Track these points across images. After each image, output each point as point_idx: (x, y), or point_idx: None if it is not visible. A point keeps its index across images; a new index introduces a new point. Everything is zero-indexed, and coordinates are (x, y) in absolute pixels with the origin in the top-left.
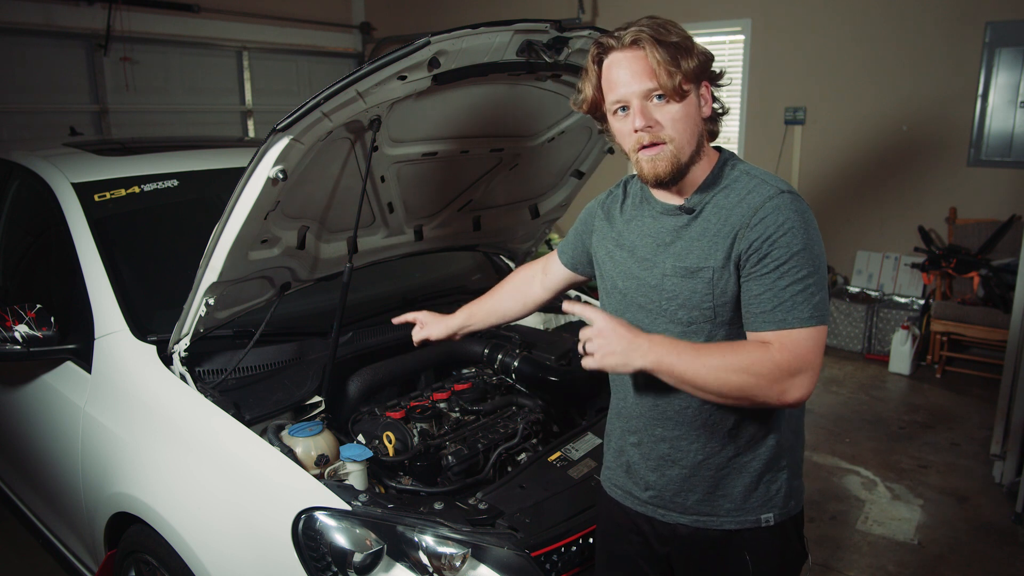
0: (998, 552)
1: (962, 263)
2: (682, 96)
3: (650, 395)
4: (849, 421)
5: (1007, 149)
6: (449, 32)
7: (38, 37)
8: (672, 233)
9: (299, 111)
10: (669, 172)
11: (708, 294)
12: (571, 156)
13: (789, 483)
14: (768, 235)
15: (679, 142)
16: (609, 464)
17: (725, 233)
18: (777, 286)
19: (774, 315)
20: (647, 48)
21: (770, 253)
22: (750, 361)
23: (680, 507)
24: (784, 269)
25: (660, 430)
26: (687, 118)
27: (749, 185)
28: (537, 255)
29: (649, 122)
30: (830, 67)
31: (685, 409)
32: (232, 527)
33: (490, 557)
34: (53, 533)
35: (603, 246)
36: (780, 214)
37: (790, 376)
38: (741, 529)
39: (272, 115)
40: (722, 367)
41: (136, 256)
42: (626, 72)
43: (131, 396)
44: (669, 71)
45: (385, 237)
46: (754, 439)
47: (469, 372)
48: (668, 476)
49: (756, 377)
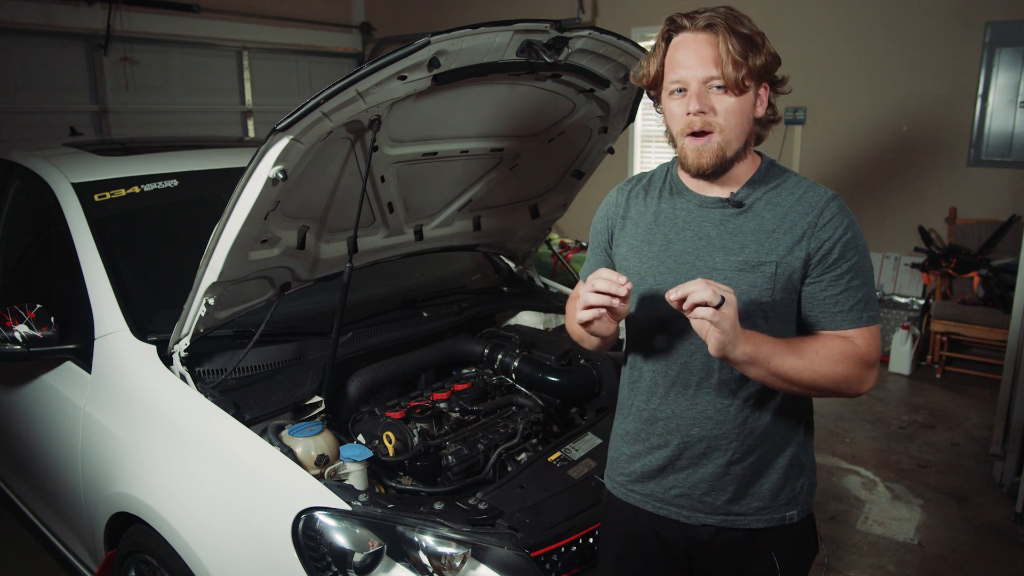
0: (998, 552)
1: (962, 263)
2: (742, 90)
3: (687, 395)
4: (849, 421)
5: (1007, 149)
6: (449, 32)
7: (38, 37)
8: (716, 226)
9: (299, 111)
10: (712, 164)
11: (768, 288)
12: (571, 156)
13: (810, 479)
14: (840, 236)
15: (728, 135)
16: (624, 470)
17: (786, 229)
18: (852, 286)
19: (852, 314)
20: (721, 35)
21: (844, 254)
22: (840, 353)
23: (709, 507)
24: (857, 270)
25: (698, 430)
26: (741, 113)
27: (802, 185)
28: (537, 255)
29: (703, 107)
30: (830, 67)
31: (727, 407)
32: (232, 527)
33: (490, 557)
34: (53, 533)
35: (624, 243)
36: (844, 216)
37: (868, 368)
38: (765, 528)
39: (272, 115)
40: (817, 359)
41: (136, 256)
42: (693, 54)
43: (131, 396)
44: (736, 62)
45: (385, 237)
46: (784, 437)
47: (469, 372)
48: (701, 475)
49: (846, 368)
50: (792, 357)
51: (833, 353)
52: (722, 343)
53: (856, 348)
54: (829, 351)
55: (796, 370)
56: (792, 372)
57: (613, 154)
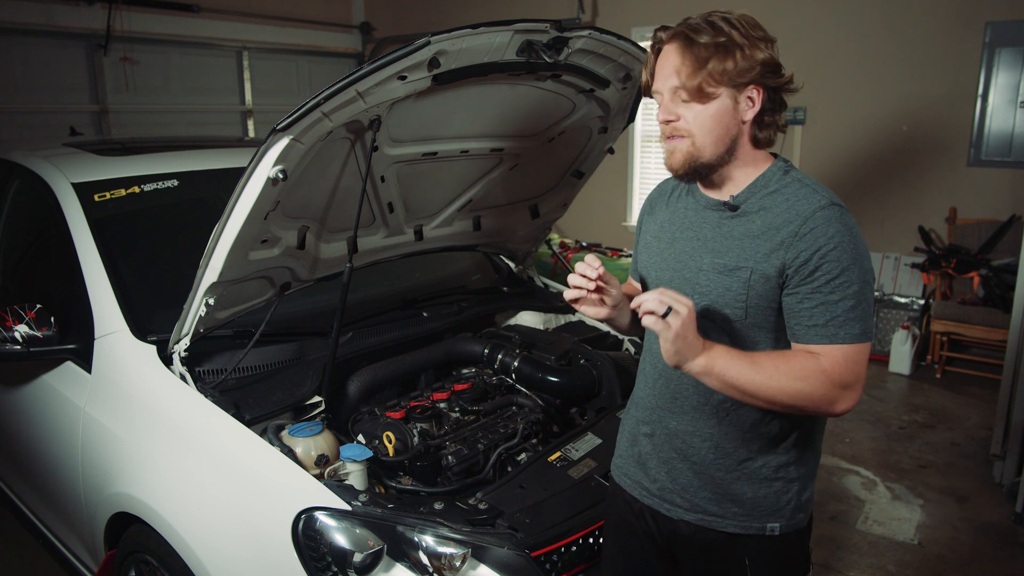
0: (998, 552)
1: (962, 263)
2: (704, 97)
3: (670, 386)
4: (849, 421)
5: (1007, 149)
6: (449, 32)
7: (38, 37)
8: (713, 228)
9: (299, 111)
10: (682, 167)
11: (743, 293)
12: (571, 156)
13: (799, 495)
14: (818, 247)
15: (700, 141)
16: (621, 452)
17: (769, 236)
18: (829, 300)
19: (826, 329)
20: (681, 46)
21: (821, 266)
22: (802, 369)
23: (687, 504)
24: (836, 284)
25: (674, 423)
26: (712, 118)
27: (800, 192)
28: (537, 255)
29: (669, 116)
30: (830, 67)
31: (703, 405)
32: (232, 527)
33: (490, 557)
34: (53, 533)
35: (644, 238)
36: (830, 226)
37: (840, 387)
38: (744, 534)
39: (272, 115)
40: (776, 374)
41: (136, 256)
42: (661, 65)
43: (131, 396)
44: (691, 71)
45: (385, 237)
46: (769, 446)
47: (469, 372)
48: (678, 471)
49: (808, 385)
50: (750, 371)
51: (794, 370)
52: (668, 352)
53: (821, 365)
54: (790, 367)
55: (753, 384)
56: (749, 386)
57: (613, 154)
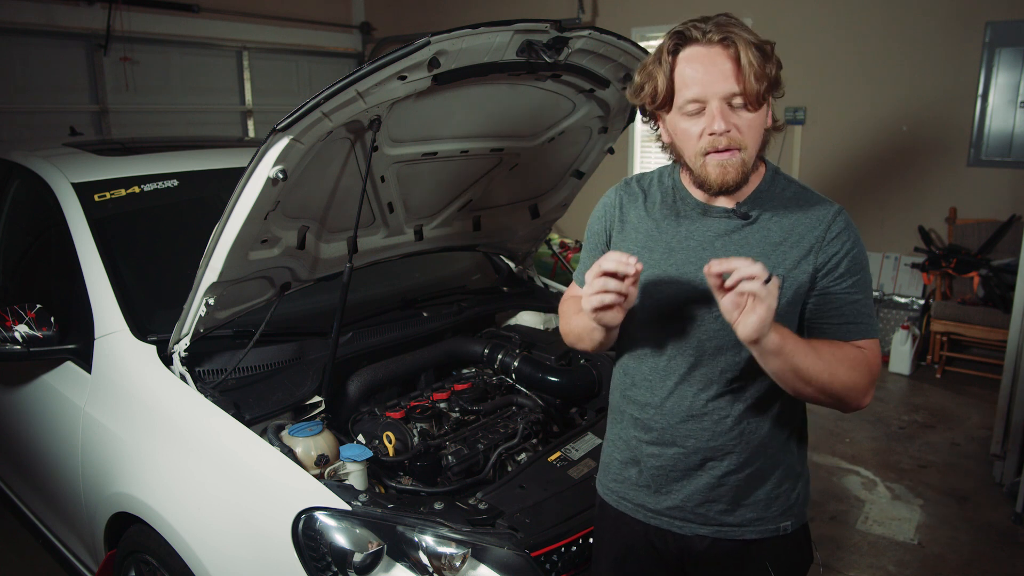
0: (998, 552)
1: (962, 263)
2: (760, 104)
3: (684, 405)
4: (849, 421)
5: (1007, 149)
6: (449, 32)
7: (38, 37)
8: (722, 237)
9: (299, 111)
10: (736, 180)
11: None
12: (571, 156)
13: (805, 489)
14: (847, 250)
15: (751, 151)
16: (614, 476)
17: (793, 242)
18: (857, 299)
19: (858, 326)
20: (741, 48)
21: (851, 268)
22: (854, 359)
23: (702, 518)
24: (861, 284)
25: (693, 441)
26: (760, 127)
27: (811, 198)
28: (537, 255)
29: (729, 127)
30: (830, 67)
31: (725, 418)
32: (232, 527)
33: (490, 557)
34: (53, 533)
35: (623, 248)
36: (851, 230)
37: (873, 379)
38: (760, 539)
39: (272, 115)
40: (833, 361)
41: (136, 256)
42: (710, 70)
43: (131, 396)
44: (757, 75)
45: (385, 237)
46: (780, 447)
47: (469, 372)
48: (695, 486)
49: (858, 375)
50: (813, 355)
51: (849, 358)
52: (763, 322)
53: (867, 357)
54: (846, 355)
55: (816, 369)
56: (812, 370)
57: (613, 154)
